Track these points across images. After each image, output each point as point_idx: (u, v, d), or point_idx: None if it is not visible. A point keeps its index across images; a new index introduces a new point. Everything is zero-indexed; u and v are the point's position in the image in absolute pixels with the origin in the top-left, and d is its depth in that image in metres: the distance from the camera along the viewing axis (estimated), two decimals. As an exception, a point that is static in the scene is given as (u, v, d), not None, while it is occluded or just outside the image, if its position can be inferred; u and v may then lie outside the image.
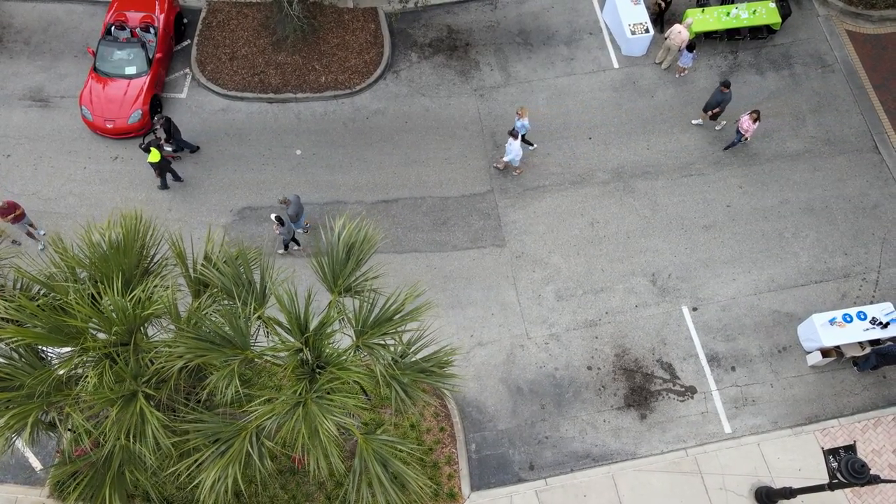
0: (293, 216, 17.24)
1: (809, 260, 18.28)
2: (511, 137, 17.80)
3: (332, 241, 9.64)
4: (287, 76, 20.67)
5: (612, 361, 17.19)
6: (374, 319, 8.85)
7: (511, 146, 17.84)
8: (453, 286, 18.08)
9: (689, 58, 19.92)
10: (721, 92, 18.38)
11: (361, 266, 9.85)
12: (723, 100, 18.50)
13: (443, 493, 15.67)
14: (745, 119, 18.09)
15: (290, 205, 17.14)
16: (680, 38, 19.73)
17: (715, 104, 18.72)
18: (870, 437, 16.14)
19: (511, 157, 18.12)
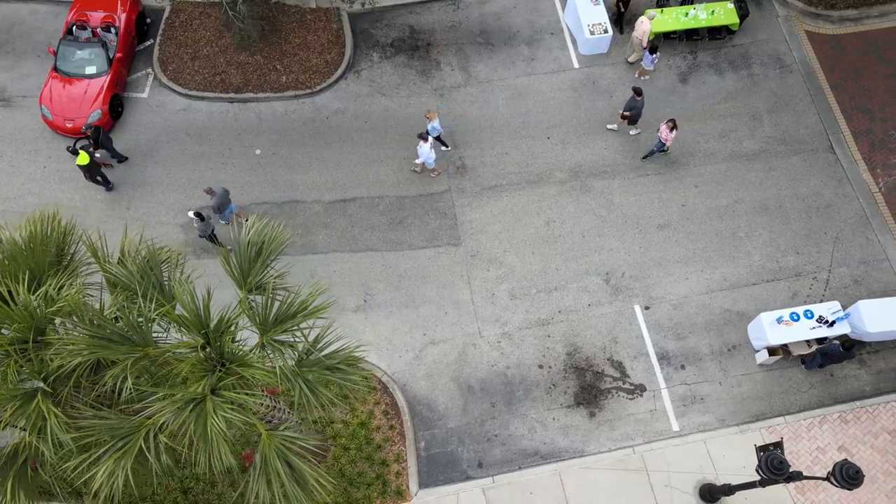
0: (216, 207, 17.37)
1: (762, 259, 18.41)
2: (420, 140, 17.87)
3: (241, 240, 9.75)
4: (248, 76, 20.76)
5: (563, 360, 17.31)
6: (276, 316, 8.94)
7: (420, 149, 17.98)
8: (408, 285, 18.20)
9: (650, 60, 20.02)
10: (634, 99, 18.50)
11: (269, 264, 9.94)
12: (634, 106, 18.62)
13: (390, 490, 15.79)
14: (663, 128, 18.22)
15: (215, 196, 17.27)
16: (641, 28, 19.82)
17: (627, 110, 18.83)
18: (815, 434, 16.28)
19: (422, 160, 18.27)
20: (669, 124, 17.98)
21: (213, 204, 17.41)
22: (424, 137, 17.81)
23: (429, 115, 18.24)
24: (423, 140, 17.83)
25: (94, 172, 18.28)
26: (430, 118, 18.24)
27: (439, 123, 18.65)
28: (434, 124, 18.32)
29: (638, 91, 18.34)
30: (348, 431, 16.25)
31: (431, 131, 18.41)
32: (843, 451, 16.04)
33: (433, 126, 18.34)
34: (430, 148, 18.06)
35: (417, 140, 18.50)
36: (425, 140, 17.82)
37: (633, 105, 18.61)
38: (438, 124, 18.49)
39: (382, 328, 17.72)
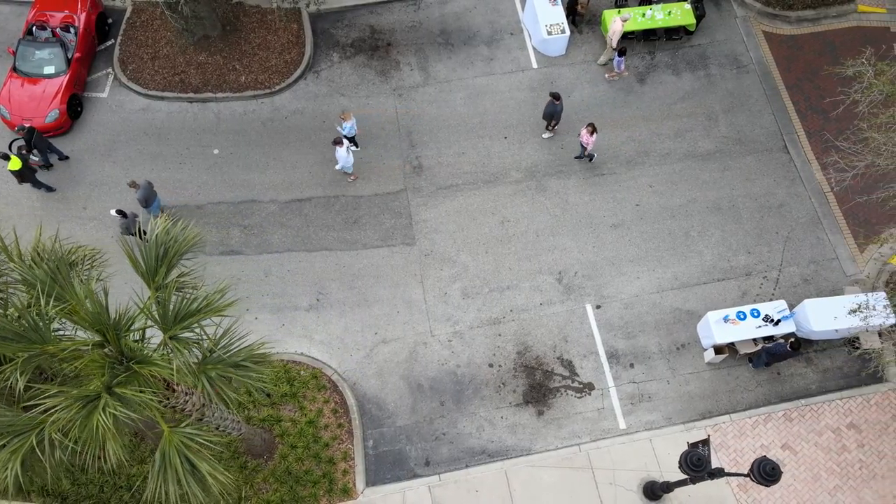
0: (141, 200, 17.42)
1: (713, 258, 18.53)
2: (336, 146, 17.92)
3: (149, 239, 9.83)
4: (207, 76, 20.83)
5: (513, 359, 17.42)
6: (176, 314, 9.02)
7: (337, 154, 18.05)
8: (361, 284, 18.29)
9: (619, 62, 20.11)
10: (553, 103, 18.59)
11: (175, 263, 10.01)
12: (554, 111, 18.71)
13: (337, 488, 15.89)
14: (583, 132, 18.33)
15: (139, 189, 17.34)
16: (612, 28, 19.92)
17: (548, 115, 18.93)
18: (759, 432, 16.40)
19: (341, 166, 18.35)
20: (589, 128, 18.08)
21: (139, 197, 17.44)
22: (339, 142, 17.86)
23: (343, 116, 18.34)
24: (338, 145, 17.89)
25: (26, 177, 18.32)
26: (345, 119, 18.34)
27: (355, 124, 18.74)
28: (349, 125, 18.43)
29: (556, 96, 18.44)
30: (296, 430, 16.33)
31: (347, 132, 18.54)
32: (787, 449, 16.17)
33: (350, 126, 18.43)
34: (347, 152, 18.10)
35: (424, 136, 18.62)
36: (340, 145, 17.88)
37: (552, 109, 18.71)
38: (354, 125, 18.56)
39: (334, 327, 17.81)
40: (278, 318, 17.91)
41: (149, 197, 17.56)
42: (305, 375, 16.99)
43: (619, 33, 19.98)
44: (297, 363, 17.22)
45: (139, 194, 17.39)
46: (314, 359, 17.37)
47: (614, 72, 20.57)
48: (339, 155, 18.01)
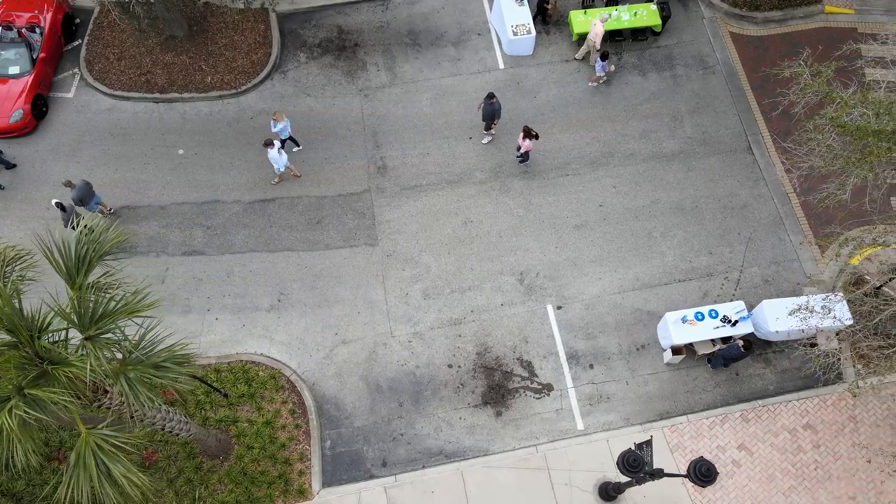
0: (77, 200, 17.37)
1: (675, 259, 18.54)
2: (267, 148, 17.90)
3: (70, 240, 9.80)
4: (173, 76, 20.80)
5: (473, 359, 17.41)
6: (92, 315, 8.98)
7: (270, 156, 18.03)
8: (322, 284, 18.27)
9: (601, 66, 20.09)
10: (489, 104, 18.59)
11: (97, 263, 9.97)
12: (493, 110, 18.72)
13: (292, 489, 15.86)
14: (520, 136, 18.37)
15: (74, 188, 17.30)
16: (594, 31, 19.92)
17: (489, 116, 18.93)
18: (716, 433, 16.41)
19: (278, 168, 18.34)
20: (522, 133, 18.10)
21: (74, 197, 17.38)
22: (270, 144, 17.84)
23: (275, 117, 18.34)
24: (268, 147, 17.87)
25: None
26: (277, 119, 18.34)
27: (289, 124, 18.71)
28: (282, 125, 18.42)
29: (490, 95, 18.44)
30: (253, 430, 16.31)
31: (282, 132, 18.54)
32: (743, 450, 16.17)
33: (283, 126, 18.41)
34: (279, 152, 18.05)
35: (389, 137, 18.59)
36: (271, 146, 17.86)
37: (491, 110, 18.72)
38: (288, 125, 18.57)
39: (295, 328, 17.79)
40: (239, 319, 17.89)
41: (84, 196, 17.48)
42: (264, 376, 16.96)
43: (601, 35, 19.96)
44: (255, 364, 17.19)
45: (74, 194, 17.34)
46: (273, 359, 17.35)
47: (595, 75, 20.50)
48: (272, 156, 18.00)
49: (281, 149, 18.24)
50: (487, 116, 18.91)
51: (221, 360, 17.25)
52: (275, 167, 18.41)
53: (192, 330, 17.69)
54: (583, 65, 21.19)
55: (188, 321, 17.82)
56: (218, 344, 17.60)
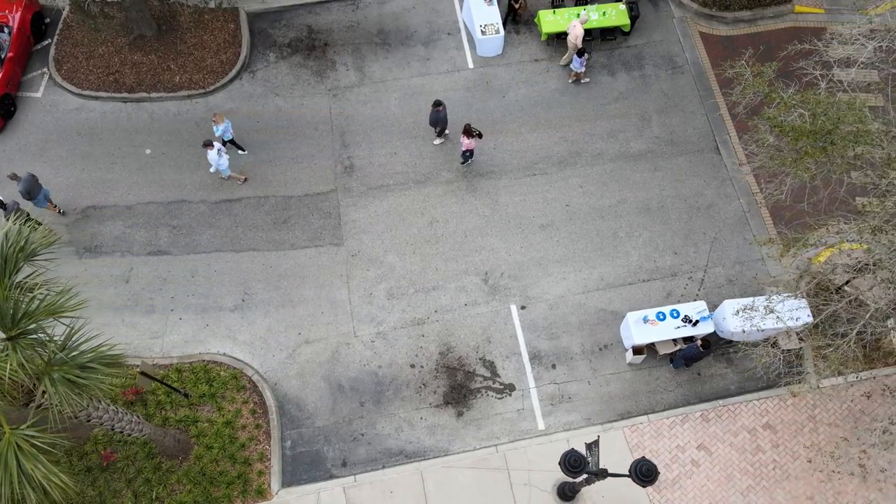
0: (23, 193, 17.32)
1: (640, 259, 18.53)
2: (206, 149, 17.87)
3: None
4: (142, 76, 20.78)
5: (435, 359, 17.40)
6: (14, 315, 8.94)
7: (209, 157, 18.00)
8: (287, 284, 18.26)
9: (579, 63, 20.08)
10: (436, 112, 18.57)
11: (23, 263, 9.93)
12: (437, 118, 18.69)
13: (251, 489, 15.85)
14: (461, 135, 18.37)
15: (21, 181, 17.27)
16: (574, 32, 19.90)
17: (433, 123, 18.91)
18: (676, 432, 16.41)
19: (214, 168, 18.30)
20: (464, 131, 18.10)
21: (21, 190, 17.30)
22: (209, 145, 17.81)
23: (215, 119, 18.33)
24: (208, 148, 17.85)
25: None
26: (217, 121, 18.32)
27: (230, 126, 18.66)
28: (222, 126, 18.40)
29: (437, 103, 18.42)
30: (213, 430, 16.30)
31: (223, 134, 18.53)
32: (703, 450, 16.18)
33: (221, 128, 18.39)
34: (219, 154, 18.01)
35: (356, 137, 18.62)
36: (210, 147, 17.84)
37: (436, 118, 18.69)
38: (229, 126, 18.55)
39: (258, 327, 17.78)
40: (203, 319, 17.87)
41: (31, 189, 17.43)
42: (225, 376, 16.95)
43: (581, 36, 19.93)
44: (217, 363, 17.18)
45: (21, 187, 17.29)
46: (236, 359, 17.34)
47: (574, 72, 20.47)
48: (211, 158, 17.98)
49: (222, 150, 18.14)
50: (432, 123, 18.91)
51: (184, 360, 17.24)
52: (213, 168, 18.35)
53: (155, 330, 17.69)
54: (552, 64, 21.19)
55: (151, 321, 17.81)
56: (181, 344, 17.59)
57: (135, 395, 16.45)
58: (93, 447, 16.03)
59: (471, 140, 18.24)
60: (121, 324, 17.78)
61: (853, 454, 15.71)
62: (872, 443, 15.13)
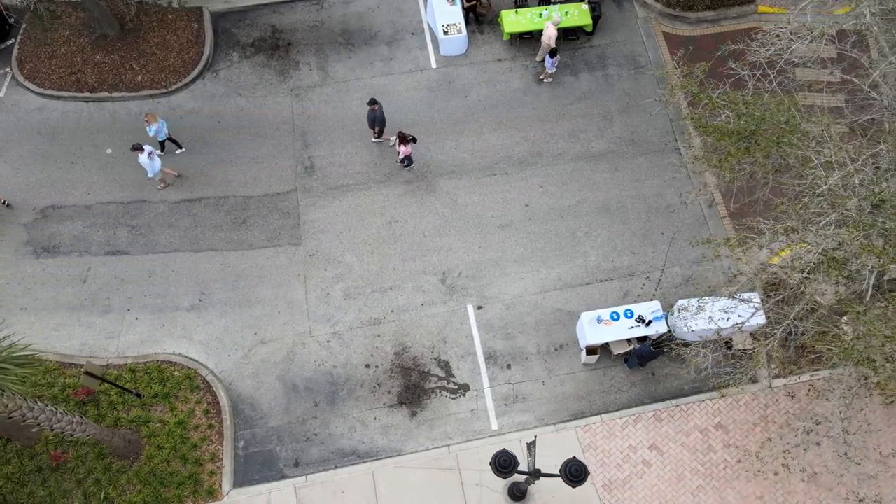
0: None
1: (598, 259, 18.53)
2: (136, 152, 17.82)
3: None
4: (104, 75, 20.75)
5: (390, 360, 17.39)
6: None
7: (141, 161, 17.95)
8: (244, 284, 18.24)
9: (550, 63, 20.09)
10: (371, 111, 18.56)
11: None
12: (374, 117, 18.68)
13: (202, 489, 15.84)
14: (396, 141, 18.37)
15: None
16: (546, 33, 19.91)
17: (370, 122, 18.90)
18: (629, 433, 16.41)
19: (151, 174, 18.28)
20: (399, 138, 18.12)
21: None
22: (139, 148, 17.76)
23: (147, 119, 18.28)
24: (138, 151, 17.81)
25: None
26: (150, 122, 18.28)
27: (164, 125, 18.60)
28: (155, 126, 18.37)
29: (372, 101, 18.42)
30: (165, 431, 16.27)
31: (158, 135, 18.51)
32: (654, 449, 16.18)
33: (155, 129, 18.34)
34: (150, 157, 17.93)
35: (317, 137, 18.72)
36: (140, 151, 17.80)
37: (372, 116, 18.70)
38: (163, 126, 18.50)
39: (215, 327, 17.76)
40: (159, 319, 17.85)
41: None
42: (179, 376, 16.93)
43: (554, 37, 19.91)
44: (172, 363, 17.16)
45: None
46: (191, 359, 17.32)
47: (546, 72, 20.48)
48: (142, 161, 17.93)
49: (153, 153, 18.05)
50: (369, 122, 18.90)
51: (138, 360, 17.22)
52: (151, 174, 18.31)
53: (111, 330, 17.67)
54: (515, 64, 21.19)
55: (107, 321, 17.78)
56: (136, 344, 17.57)
57: (87, 395, 16.42)
58: (44, 447, 16.00)
59: (407, 146, 18.24)
60: (77, 324, 17.76)
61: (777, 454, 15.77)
62: (796, 443, 15.28)
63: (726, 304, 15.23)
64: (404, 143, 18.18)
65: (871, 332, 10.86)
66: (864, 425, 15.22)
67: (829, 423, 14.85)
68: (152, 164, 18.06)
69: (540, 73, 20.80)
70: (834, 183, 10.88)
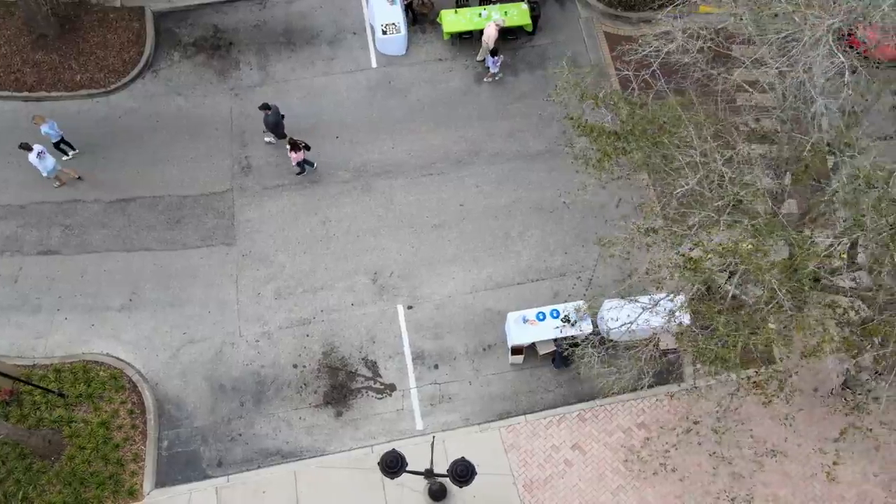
0: None
1: (530, 258, 18.53)
2: (25, 151, 17.75)
3: None
4: (43, 75, 20.70)
5: (318, 359, 17.39)
6: None
7: (30, 160, 17.85)
8: (176, 284, 18.22)
9: (493, 62, 20.10)
10: (266, 115, 18.54)
11: None
12: (267, 121, 18.64)
13: (123, 490, 15.82)
14: (287, 148, 18.37)
15: None
16: (487, 33, 19.90)
17: (265, 126, 18.87)
18: (552, 432, 16.41)
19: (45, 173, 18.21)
20: (290, 145, 18.12)
21: None
22: (28, 147, 17.73)
23: (36, 121, 18.24)
24: (26, 150, 17.78)
25: None
26: (38, 123, 18.24)
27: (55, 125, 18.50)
28: (45, 127, 18.33)
29: (263, 106, 18.40)
30: (87, 431, 16.25)
31: (54, 135, 18.48)
32: (577, 449, 16.19)
33: (44, 130, 18.26)
34: (40, 157, 17.83)
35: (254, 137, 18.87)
36: (29, 150, 17.76)
37: (265, 120, 18.67)
38: (54, 126, 18.42)
39: (144, 327, 17.74)
40: (89, 318, 17.82)
41: None
42: (104, 376, 16.90)
43: (493, 37, 19.91)
44: (98, 363, 17.14)
45: None
46: (118, 359, 17.29)
47: (490, 72, 20.48)
48: (32, 161, 17.89)
49: (43, 152, 17.97)
50: (265, 124, 18.86)
51: (65, 360, 17.20)
52: (45, 173, 18.25)
53: (40, 330, 17.64)
54: (455, 64, 21.19)
55: (36, 321, 17.76)
56: (65, 344, 17.54)
57: (9, 395, 16.39)
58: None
59: (298, 153, 18.23)
60: (7, 324, 17.73)
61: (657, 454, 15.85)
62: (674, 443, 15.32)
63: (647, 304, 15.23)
64: (295, 149, 18.13)
65: (722, 334, 11.06)
66: (739, 424, 15.30)
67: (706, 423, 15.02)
68: (43, 162, 17.99)
69: (485, 74, 20.78)
70: (696, 184, 10.92)
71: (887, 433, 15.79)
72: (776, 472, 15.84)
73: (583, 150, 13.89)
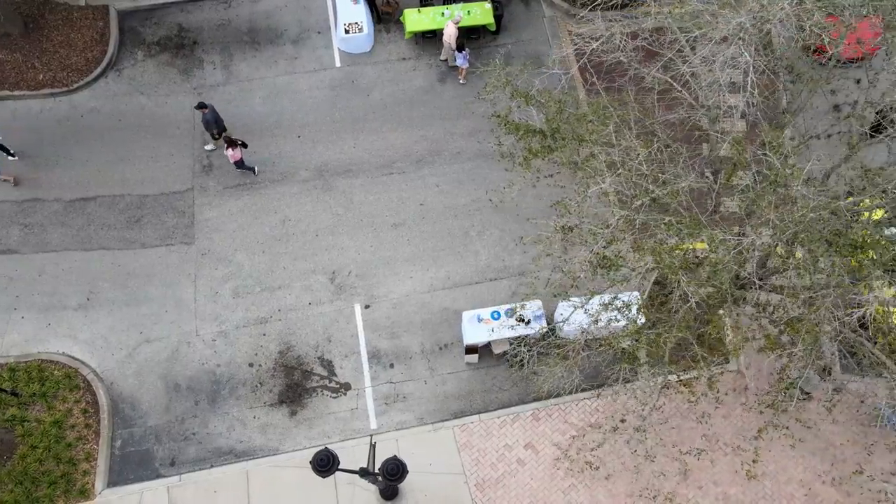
0: None
1: (489, 258, 18.53)
2: None
3: None
4: (5, 73, 20.67)
5: (274, 359, 17.38)
6: None
7: None
8: (134, 283, 18.20)
9: (461, 58, 20.11)
10: (203, 114, 18.50)
11: None
12: (206, 120, 18.59)
13: (74, 489, 15.80)
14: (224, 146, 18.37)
15: None
16: (447, 31, 19.91)
17: (204, 124, 18.82)
18: (506, 432, 16.42)
19: None
20: (227, 143, 18.08)
21: None
22: None
23: None
24: None
25: None
26: None
27: None
28: None
29: (201, 105, 18.34)
30: (40, 430, 16.23)
31: None
32: (529, 448, 16.19)
33: None
34: None
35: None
36: None
37: (203, 119, 18.63)
38: None
39: (101, 326, 17.72)
40: (45, 317, 17.80)
41: None
42: (59, 375, 16.88)
43: (454, 35, 19.92)
44: (53, 362, 17.12)
45: None
46: (73, 358, 17.27)
47: (461, 69, 20.48)
48: None
49: None
50: (203, 125, 18.83)
51: (20, 360, 17.17)
52: None
53: None
54: (419, 63, 21.19)
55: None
56: (20, 343, 17.52)
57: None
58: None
59: (235, 150, 18.19)
60: None
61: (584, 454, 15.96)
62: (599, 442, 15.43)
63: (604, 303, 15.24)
64: (232, 147, 18.09)
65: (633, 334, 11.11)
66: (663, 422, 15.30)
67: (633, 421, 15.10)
68: None
69: (454, 73, 20.76)
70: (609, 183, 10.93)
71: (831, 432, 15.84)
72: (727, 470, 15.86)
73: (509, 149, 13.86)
